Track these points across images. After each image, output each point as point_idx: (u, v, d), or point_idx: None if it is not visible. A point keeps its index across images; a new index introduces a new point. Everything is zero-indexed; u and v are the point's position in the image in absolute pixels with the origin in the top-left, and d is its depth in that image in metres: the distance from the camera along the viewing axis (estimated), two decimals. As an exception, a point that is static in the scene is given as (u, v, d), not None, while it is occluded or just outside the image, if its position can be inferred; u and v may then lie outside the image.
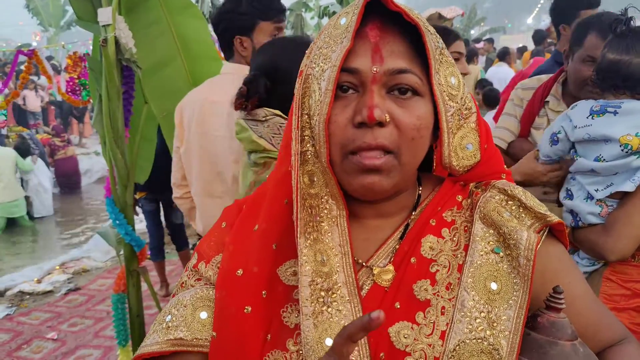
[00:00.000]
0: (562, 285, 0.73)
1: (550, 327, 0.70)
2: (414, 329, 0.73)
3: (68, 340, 3.87)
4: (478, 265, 0.75)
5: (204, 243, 0.89)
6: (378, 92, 0.72)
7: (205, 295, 0.83)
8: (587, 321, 0.79)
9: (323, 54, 0.76)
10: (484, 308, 0.72)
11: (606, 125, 1.62)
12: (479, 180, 0.84)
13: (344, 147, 0.73)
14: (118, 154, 2.59)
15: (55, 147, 9.01)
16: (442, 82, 0.76)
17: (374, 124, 0.70)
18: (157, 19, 2.77)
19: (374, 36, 0.73)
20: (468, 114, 0.80)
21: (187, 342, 0.79)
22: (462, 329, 0.71)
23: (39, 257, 6.00)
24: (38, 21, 20.81)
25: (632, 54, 1.62)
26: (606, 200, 1.67)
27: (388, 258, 0.79)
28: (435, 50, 0.74)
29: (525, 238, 0.74)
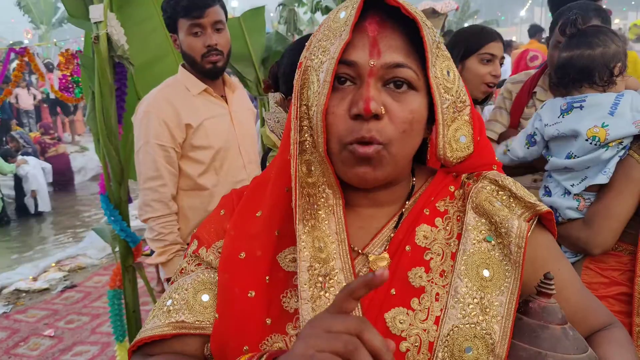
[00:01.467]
0: (552, 272, 0.76)
1: (541, 312, 0.73)
2: (409, 314, 0.75)
3: (65, 337, 3.88)
4: (471, 253, 0.77)
5: (202, 230, 0.90)
6: (374, 85, 0.74)
7: (207, 278, 0.84)
8: (576, 307, 0.82)
9: (322, 47, 0.78)
10: (477, 294, 0.75)
11: (574, 120, 1.66)
12: (471, 171, 0.87)
13: (341, 138, 0.75)
14: (112, 151, 2.59)
15: (45, 145, 8.99)
16: (438, 75, 0.77)
17: (369, 116, 0.72)
18: (149, 15, 2.77)
19: (372, 30, 0.75)
20: (462, 106, 0.82)
21: (189, 325, 0.80)
22: (455, 314, 0.74)
23: (34, 255, 6.00)
24: (30, 18, 20.67)
25: (582, 48, 1.68)
26: (583, 194, 1.70)
27: (383, 246, 0.81)
28: (432, 44, 0.76)
29: (516, 226, 0.77)
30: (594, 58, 1.66)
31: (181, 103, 2.10)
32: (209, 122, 2.14)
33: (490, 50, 2.04)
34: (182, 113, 2.09)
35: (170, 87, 2.18)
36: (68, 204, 8.41)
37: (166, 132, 2.07)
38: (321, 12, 9.04)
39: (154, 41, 2.81)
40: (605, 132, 1.58)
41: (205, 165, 2.15)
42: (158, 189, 2.11)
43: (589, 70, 1.67)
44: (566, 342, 0.71)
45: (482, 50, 2.03)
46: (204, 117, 2.13)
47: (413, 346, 0.73)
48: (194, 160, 2.15)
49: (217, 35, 2.07)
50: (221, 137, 2.16)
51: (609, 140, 1.58)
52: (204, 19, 2.03)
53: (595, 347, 0.78)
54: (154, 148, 2.08)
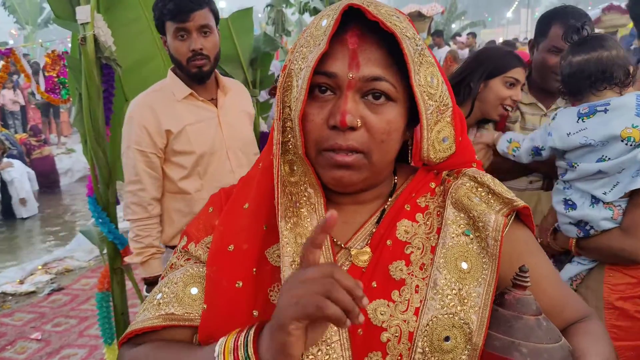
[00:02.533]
0: (529, 265, 0.79)
1: (516, 304, 0.76)
2: (390, 306, 0.78)
3: (52, 340, 3.85)
4: (449, 246, 0.81)
5: (192, 226, 0.93)
6: (352, 97, 0.77)
7: (196, 272, 0.86)
8: (553, 300, 0.85)
9: (302, 53, 0.80)
10: (455, 286, 0.78)
11: (602, 124, 1.63)
12: (451, 168, 0.90)
13: (318, 144, 0.79)
14: (99, 153, 2.58)
15: (31, 147, 8.90)
16: (422, 82, 0.80)
17: (345, 128, 0.76)
18: (137, 17, 2.76)
19: (353, 43, 0.77)
20: (445, 109, 0.85)
21: (178, 317, 0.83)
22: (434, 305, 0.76)
23: (20, 258, 5.94)
24: (15, 19, 20.43)
25: (599, 51, 1.67)
26: (614, 202, 1.67)
27: (365, 241, 0.84)
28: (413, 54, 0.78)
29: (493, 220, 0.80)
30: (613, 59, 1.66)
31: (163, 109, 2.12)
32: (191, 128, 2.14)
33: (516, 75, 2.04)
34: (162, 119, 2.10)
35: (156, 92, 2.19)
36: (54, 206, 8.34)
37: (146, 137, 2.10)
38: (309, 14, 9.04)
39: (142, 43, 2.80)
40: (639, 132, 1.57)
41: (187, 170, 2.16)
42: (137, 192, 2.16)
43: (611, 71, 1.66)
44: (539, 332, 0.73)
45: (508, 73, 2.03)
46: (187, 122, 2.13)
47: (393, 336, 0.76)
48: (176, 165, 2.17)
49: (203, 40, 2.06)
50: (206, 141, 2.16)
51: None
52: (189, 22, 2.02)
53: (570, 337, 0.80)
54: (134, 153, 2.12)
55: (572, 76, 1.73)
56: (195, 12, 2.02)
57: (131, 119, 2.13)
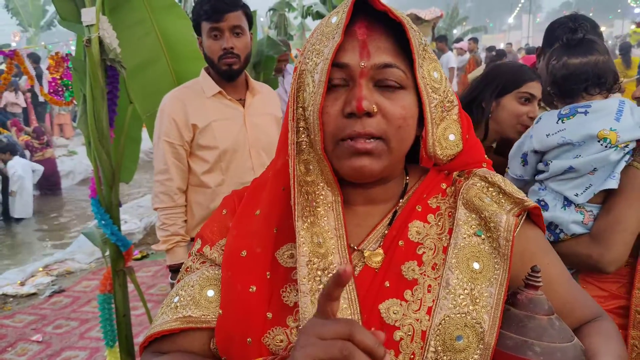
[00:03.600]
0: (540, 265, 0.80)
1: (529, 303, 0.76)
2: (403, 305, 0.78)
3: (53, 342, 3.84)
4: (461, 247, 0.81)
5: (206, 229, 0.94)
6: (366, 85, 0.78)
7: (212, 275, 0.87)
8: (564, 299, 0.86)
9: (316, 50, 0.82)
10: (467, 286, 0.79)
11: (581, 124, 1.62)
12: (461, 169, 0.91)
13: (335, 135, 0.79)
14: (103, 154, 2.58)
15: (33, 149, 8.91)
16: (425, 75, 0.82)
17: (362, 114, 0.77)
18: (142, 19, 2.77)
19: (362, 34, 0.79)
20: (450, 106, 0.86)
21: (195, 319, 0.84)
22: (447, 304, 0.77)
23: (22, 260, 5.93)
24: (18, 21, 20.49)
25: (595, 54, 1.67)
26: (585, 206, 1.64)
27: (378, 242, 0.85)
28: (418, 47, 0.80)
29: (504, 221, 0.81)
30: (607, 64, 1.67)
31: (192, 103, 2.23)
32: (217, 124, 2.25)
33: (530, 90, 1.93)
34: (190, 113, 2.22)
35: (187, 88, 2.31)
36: (56, 208, 8.34)
37: (175, 130, 2.22)
38: (312, 18, 9.06)
39: (146, 45, 2.81)
40: (615, 135, 1.56)
41: (210, 165, 2.26)
42: (165, 182, 2.28)
43: (605, 76, 1.66)
44: (552, 331, 0.74)
45: (522, 88, 1.92)
46: (213, 118, 2.24)
47: (406, 335, 0.76)
48: (200, 159, 2.28)
49: (235, 39, 2.18)
50: (229, 138, 2.25)
51: (620, 142, 1.56)
52: (222, 22, 2.14)
53: (583, 337, 0.80)
54: (163, 144, 2.25)
55: (567, 78, 1.70)
56: (229, 13, 2.14)
57: (162, 112, 2.26)
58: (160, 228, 2.33)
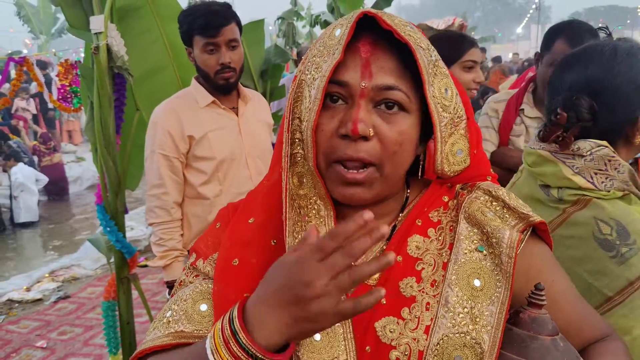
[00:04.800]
0: (545, 283, 0.77)
1: (531, 323, 0.73)
2: (400, 323, 0.76)
3: (57, 349, 3.84)
4: (462, 262, 0.78)
5: (200, 242, 0.92)
6: (365, 106, 0.75)
7: (205, 289, 0.85)
8: (571, 318, 0.82)
9: (316, 63, 0.79)
10: (467, 304, 0.75)
11: None
12: (465, 182, 0.88)
13: (328, 155, 0.77)
14: (109, 161, 2.59)
15: (41, 154, 8.97)
16: (436, 94, 0.78)
17: (357, 137, 0.74)
18: (149, 27, 2.79)
19: (365, 52, 0.76)
20: (459, 121, 0.83)
21: (188, 334, 0.81)
22: (445, 323, 0.74)
23: (28, 265, 5.95)
24: (29, 28, 20.73)
25: None
26: None
27: None
28: (427, 65, 0.77)
29: (507, 237, 0.78)
30: None
31: (186, 115, 2.18)
32: (213, 134, 2.20)
33: (471, 57, 2.04)
34: (186, 124, 2.16)
35: (180, 99, 2.25)
36: (63, 214, 8.37)
37: (170, 142, 2.16)
38: (320, 26, 9.10)
39: (154, 53, 2.83)
40: None
41: (208, 176, 2.21)
42: (161, 196, 2.22)
43: None
44: (555, 353, 0.71)
45: (464, 57, 2.04)
46: (209, 129, 2.19)
47: (403, 355, 0.74)
48: (197, 170, 2.22)
49: (230, 53, 2.13)
50: (226, 148, 2.21)
51: None
52: (218, 37, 2.09)
53: (589, 358, 0.78)
54: (158, 157, 2.18)
55: None
56: (225, 27, 2.09)
57: (155, 124, 2.20)
58: (156, 243, 2.26)
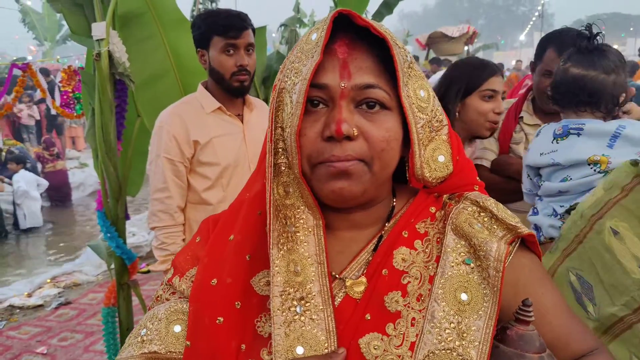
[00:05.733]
0: (534, 296, 0.75)
1: (518, 340, 0.71)
2: (384, 340, 0.74)
3: (58, 355, 3.83)
4: (449, 276, 0.76)
5: (180, 256, 0.91)
6: (346, 106, 0.74)
7: (180, 308, 0.84)
8: (559, 332, 0.80)
9: (295, 68, 0.78)
10: (454, 319, 0.73)
11: (571, 147, 1.60)
12: (452, 191, 0.86)
13: (313, 159, 0.75)
14: (110, 167, 2.60)
15: (44, 160, 9.00)
16: (411, 94, 0.78)
17: (342, 137, 0.73)
18: (151, 34, 2.80)
19: (342, 52, 0.75)
20: (439, 126, 0.82)
21: (161, 356, 0.81)
22: (431, 339, 0.72)
23: (30, 271, 5.95)
24: (34, 35, 20.86)
25: (598, 70, 1.58)
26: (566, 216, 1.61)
27: (361, 270, 0.80)
28: (403, 64, 0.76)
29: (494, 249, 0.76)
30: (606, 85, 1.57)
31: (192, 120, 2.19)
32: (218, 140, 2.21)
33: (491, 87, 1.95)
34: (191, 129, 2.18)
35: (186, 104, 2.27)
36: (66, 220, 8.38)
37: (175, 147, 2.18)
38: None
39: (156, 59, 2.84)
40: (607, 160, 1.53)
41: (212, 181, 2.22)
42: (164, 200, 2.22)
43: (599, 96, 1.58)
44: None
45: (483, 86, 1.95)
46: (214, 134, 2.20)
47: None
48: (201, 176, 2.24)
49: (248, 57, 2.17)
50: (230, 154, 2.22)
51: (610, 168, 1.52)
52: (239, 39, 2.13)
53: None
54: (163, 162, 2.19)
55: (561, 85, 1.66)
56: (245, 31, 2.14)
57: (161, 129, 2.21)
58: (158, 247, 2.27)
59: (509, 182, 2.13)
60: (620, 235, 1.14)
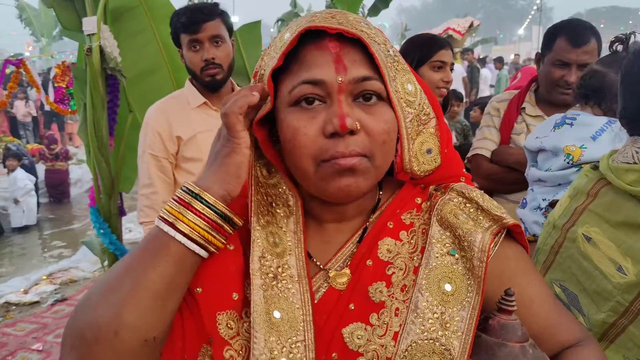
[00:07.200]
0: (520, 286, 0.76)
1: (500, 329, 0.71)
2: (367, 330, 0.74)
3: (53, 352, 3.82)
4: (433, 267, 0.76)
5: None
6: (345, 101, 0.73)
7: None
8: (545, 322, 0.80)
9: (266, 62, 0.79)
10: (438, 309, 0.74)
11: (559, 136, 1.63)
12: (439, 183, 0.86)
13: (317, 157, 0.74)
14: (102, 163, 2.58)
15: (45, 158, 8.97)
16: (399, 89, 0.77)
17: (345, 132, 0.71)
18: (143, 28, 2.78)
19: (334, 47, 0.74)
20: (427, 119, 0.82)
21: None
22: (414, 329, 0.73)
23: (26, 268, 5.94)
24: (31, 31, 20.79)
25: (612, 68, 1.60)
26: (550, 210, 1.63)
27: (345, 262, 0.80)
28: (385, 59, 0.76)
29: (479, 240, 0.76)
30: (613, 84, 1.57)
31: (176, 115, 2.19)
32: (202, 135, 2.19)
33: (440, 58, 2.15)
34: (174, 125, 2.17)
35: (172, 99, 2.27)
36: (62, 216, 8.37)
37: (159, 143, 2.18)
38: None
39: (147, 54, 2.82)
40: (580, 153, 1.55)
41: (196, 177, 2.16)
42: (150, 196, 2.23)
43: (602, 92, 1.62)
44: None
45: (433, 58, 2.13)
46: (198, 130, 2.19)
47: None
48: (185, 171, 2.23)
49: (215, 49, 2.12)
50: None
51: (581, 162, 1.55)
52: (201, 33, 2.09)
53: None
54: (148, 157, 2.20)
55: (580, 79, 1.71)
56: (207, 23, 2.09)
57: (146, 125, 2.22)
58: None
59: (509, 172, 2.12)
60: (594, 241, 1.13)
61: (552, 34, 2.09)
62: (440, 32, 9.26)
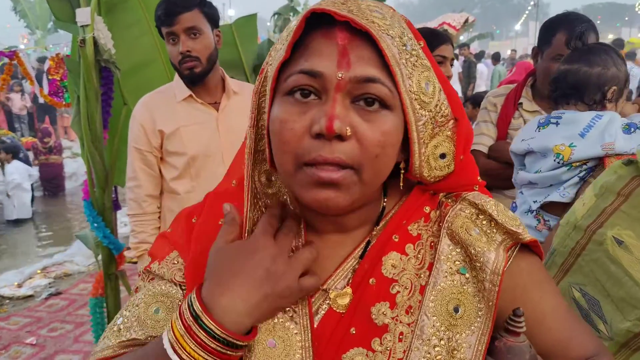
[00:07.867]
0: (532, 301, 0.71)
1: (507, 352, 0.67)
2: (369, 356, 0.69)
3: (47, 346, 3.81)
4: (441, 287, 0.71)
5: (156, 245, 0.86)
6: (341, 101, 0.65)
7: (159, 291, 0.78)
8: (558, 337, 0.75)
9: (273, 57, 0.72)
10: (445, 335, 0.69)
11: (546, 136, 1.62)
12: (450, 190, 0.79)
13: (299, 157, 0.66)
14: (96, 156, 2.56)
15: (39, 152, 8.91)
16: (414, 88, 0.68)
17: (332, 136, 0.63)
18: (137, 19, 2.75)
19: (343, 38, 0.65)
20: (444, 121, 0.73)
21: (141, 342, 0.75)
22: (419, 356, 0.68)
23: (21, 261, 5.91)
24: (25, 23, 20.63)
25: (581, 63, 1.64)
26: (543, 214, 1.64)
27: (347, 279, 0.74)
28: (399, 55, 0.67)
29: (492, 261, 0.70)
30: (589, 76, 1.61)
31: (160, 109, 2.16)
32: (186, 129, 2.16)
33: (441, 53, 2.13)
34: (158, 119, 2.15)
35: (159, 93, 2.24)
36: (58, 210, 8.33)
37: (143, 136, 2.17)
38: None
39: (142, 46, 2.78)
40: (570, 152, 1.54)
41: (179, 171, 2.20)
42: (134, 189, 2.26)
43: (581, 87, 1.62)
44: None
45: (434, 52, 2.10)
46: (182, 123, 2.15)
47: None
48: (169, 165, 2.22)
49: (191, 42, 2.07)
50: (200, 144, 2.16)
51: (572, 160, 1.54)
52: (175, 26, 2.05)
53: None
54: (132, 151, 2.21)
55: (551, 83, 1.74)
56: (181, 15, 2.04)
57: (133, 118, 2.22)
58: (131, 234, 2.30)
59: (506, 168, 2.12)
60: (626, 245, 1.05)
61: (550, 28, 2.08)
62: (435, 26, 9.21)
